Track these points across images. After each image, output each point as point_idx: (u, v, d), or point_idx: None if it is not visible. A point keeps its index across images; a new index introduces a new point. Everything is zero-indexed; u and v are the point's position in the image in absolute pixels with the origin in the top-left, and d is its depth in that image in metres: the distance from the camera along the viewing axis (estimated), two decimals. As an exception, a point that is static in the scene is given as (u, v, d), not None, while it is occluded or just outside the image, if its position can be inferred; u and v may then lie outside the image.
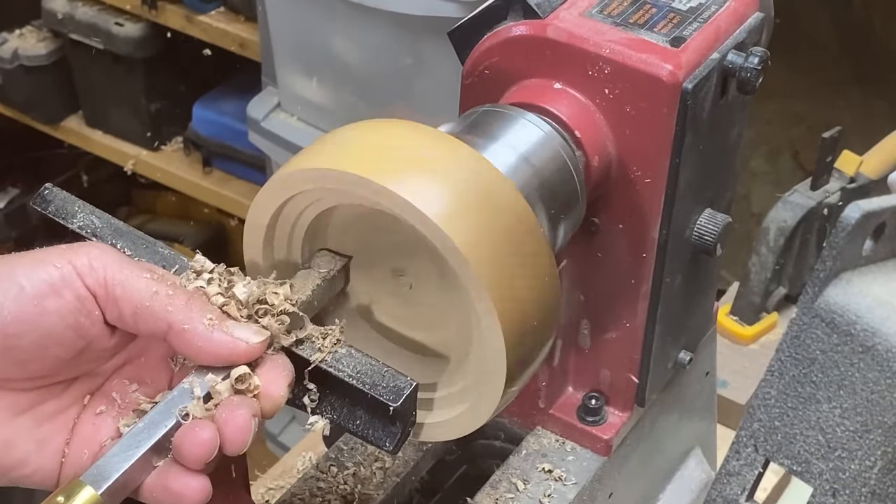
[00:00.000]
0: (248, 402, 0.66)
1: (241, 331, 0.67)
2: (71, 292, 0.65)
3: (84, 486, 0.63)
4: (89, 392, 0.70)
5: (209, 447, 0.64)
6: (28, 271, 0.65)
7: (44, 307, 0.65)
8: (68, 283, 0.65)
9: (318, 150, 0.71)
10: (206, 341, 0.66)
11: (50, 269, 0.65)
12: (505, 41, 0.81)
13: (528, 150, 0.77)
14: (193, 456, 0.64)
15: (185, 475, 0.65)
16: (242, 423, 0.65)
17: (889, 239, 0.78)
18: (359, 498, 0.90)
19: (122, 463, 0.64)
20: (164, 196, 2.98)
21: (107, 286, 0.66)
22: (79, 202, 0.75)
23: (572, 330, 0.91)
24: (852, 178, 1.50)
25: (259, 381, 0.67)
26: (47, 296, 0.65)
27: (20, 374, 0.66)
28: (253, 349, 0.67)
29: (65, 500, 0.62)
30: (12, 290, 0.64)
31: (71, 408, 0.70)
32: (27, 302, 0.64)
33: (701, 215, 0.86)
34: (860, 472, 0.76)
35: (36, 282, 0.65)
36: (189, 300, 0.67)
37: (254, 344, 0.67)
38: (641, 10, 0.81)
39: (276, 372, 0.68)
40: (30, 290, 0.64)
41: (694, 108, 0.78)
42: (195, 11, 2.42)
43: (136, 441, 0.65)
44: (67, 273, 0.65)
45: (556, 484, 0.91)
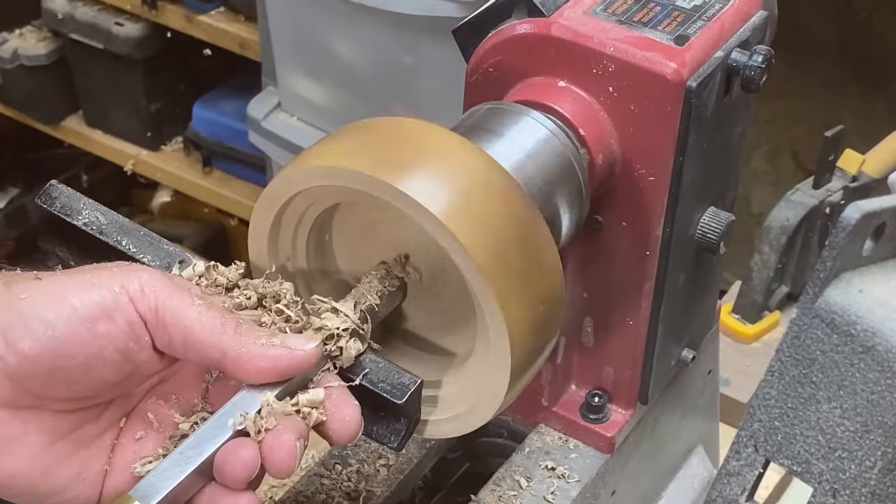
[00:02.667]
0: (293, 427, 0.66)
1: (294, 340, 0.67)
2: (123, 317, 0.64)
3: (132, 502, 0.62)
4: (124, 414, 0.70)
5: (251, 467, 0.64)
6: (80, 292, 0.64)
7: (96, 330, 0.64)
8: (120, 308, 0.64)
9: (325, 147, 0.71)
10: (262, 358, 0.65)
11: (103, 291, 0.64)
12: (509, 39, 0.81)
13: (532, 148, 0.77)
14: (235, 475, 0.64)
15: (231, 495, 0.64)
16: (289, 448, 0.65)
17: (889, 239, 0.78)
18: (362, 495, 0.90)
19: (172, 479, 0.63)
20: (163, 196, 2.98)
21: (157, 312, 0.65)
22: (84, 199, 0.74)
23: (576, 328, 0.91)
24: (854, 177, 1.50)
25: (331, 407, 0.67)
26: (99, 319, 0.64)
27: (65, 394, 0.65)
28: (309, 355, 0.67)
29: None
30: (65, 311, 0.63)
31: (108, 432, 0.69)
32: (79, 324, 0.63)
33: (704, 213, 0.86)
34: (860, 473, 0.76)
35: (88, 304, 0.64)
36: (238, 325, 0.66)
37: (309, 350, 0.67)
38: (645, 8, 0.81)
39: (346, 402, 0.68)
40: (82, 312, 0.64)
41: (698, 107, 0.78)
42: (195, 11, 2.42)
43: (185, 457, 0.64)
44: (120, 297, 0.64)
45: (559, 481, 0.92)
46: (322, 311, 0.70)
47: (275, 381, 0.66)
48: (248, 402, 0.66)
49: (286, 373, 0.66)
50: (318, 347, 0.67)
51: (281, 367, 0.66)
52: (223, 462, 0.64)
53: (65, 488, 0.67)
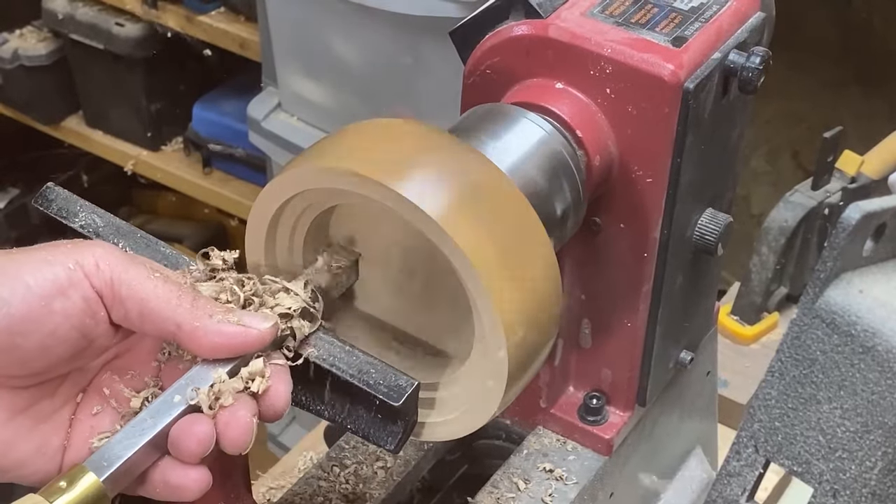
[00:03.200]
0: (249, 404, 0.66)
1: (251, 318, 0.67)
2: (78, 293, 0.65)
3: (86, 472, 0.62)
4: (80, 389, 0.70)
5: (206, 442, 0.64)
6: (34, 270, 0.65)
7: (50, 307, 0.64)
8: (75, 284, 0.65)
9: (322, 149, 0.71)
10: (217, 334, 0.66)
11: (57, 269, 0.65)
12: (506, 41, 0.81)
13: (529, 150, 0.77)
14: (190, 450, 0.64)
15: (182, 468, 0.65)
16: (245, 424, 0.65)
17: (889, 239, 0.77)
18: (360, 497, 0.90)
19: (126, 450, 0.64)
20: (164, 196, 2.98)
21: (113, 286, 0.66)
22: (81, 201, 0.74)
23: (573, 329, 0.91)
24: (853, 178, 1.50)
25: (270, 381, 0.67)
26: (54, 296, 0.64)
27: (20, 371, 0.66)
28: (264, 334, 0.67)
29: (67, 484, 0.62)
30: (19, 289, 0.64)
31: (65, 406, 0.69)
32: (34, 301, 0.64)
33: (702, 215, 0.86)
34: (861, 473, 0.76)
35: (42, 282, 0.64)
36: (195, 299, 0.67)
37: (264, 329, 0.67)
38: (643, 9, 0.81)
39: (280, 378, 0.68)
40: (37, 289, 0.64)
41: (695, 108, 0.78)
42: (195, 11, 2.41)
43: (139, 429, 0.65)
44: (74, 273, 0.65)
45: (557, 483, 0.91)
46: (275, 292, 0.70)
47: (228, 356, 0.67)
48: (201, 377, 0.66)
49: (240, 350, 0.67)
50: (273, 327, 0.68)
51: (235, 344, 0.66)
52: (178, 437, 0.64)
53: (25, 462, 0.67)
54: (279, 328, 0.68)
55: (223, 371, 0.66)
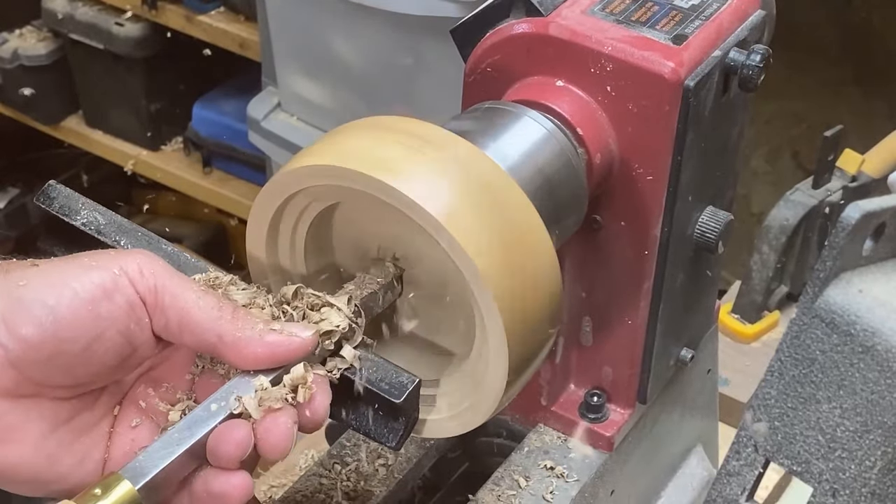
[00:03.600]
0: (290, 411, 0.66)
1: (292, 327, 0.67)
2: (123, 297, 0.65)
3: (122, 480, 0.62)
4: (117, 401, 0.70)
5: (244, 446, 0.64)
6: (79, 275, 0.64)
7: (97, 312, 0.64)
8: (120, 288, 0.65)
9: (323, 146, 0.71)
10: (260, 344, 0.65)
11: (102, 273, 0.64)
12: (507, 39, 0.81)
13: (530, 148, 0.77)
14: (228, 454, 0.64)
15: (225, 474, 0.64)
16: (286, 430, 0.65)
17: (889, 239, 0.77)
18: (361, 494, 0.90)
19: (162, 459, 0.63)
20: (164, 196, 2.98)
21: (156, 293, 0.65)
22: (83, 199, 0.75)
23: (574, 327, 0.91)
24: (854, 177, 1.50)
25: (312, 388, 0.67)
26: (100, 301, 0.64)
27: (64, 380, 0.65)
28: (306, 343, 0.67)
29: (102, 492, 0.61)
30: (65, 294, 0.63)
31: (103, 419, 0.69)
32: (81, 307, 0.63)
33: (703, 213, 0.86)
34: (860, 473, 0.76)
35: (88, 286, 0.64)
36: (235, 310, 0.66)
37: (307, 337, 0.67)
38: (643, 7, 0.81)
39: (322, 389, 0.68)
40: (83, 294, 0.64)
41: (696, 106, 0.78)
42: (195, 11, 2.42)
43: (176, 439, 0.64)
44: (119, 278, 0.65)
45: (558, 481, 0.91)
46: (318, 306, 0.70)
47: (269, 367, 0.66)
48: (241, 387, 0.66)
49: (282, 359, 0.66)
50: (314, 335, 0.67)
51: (278, 354, 0.66)
52: (216, 443, 0.64)
53: (67, 475, 0.67)
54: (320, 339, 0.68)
55: (266, 380, 0.66)
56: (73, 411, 0.67)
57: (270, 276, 0.76)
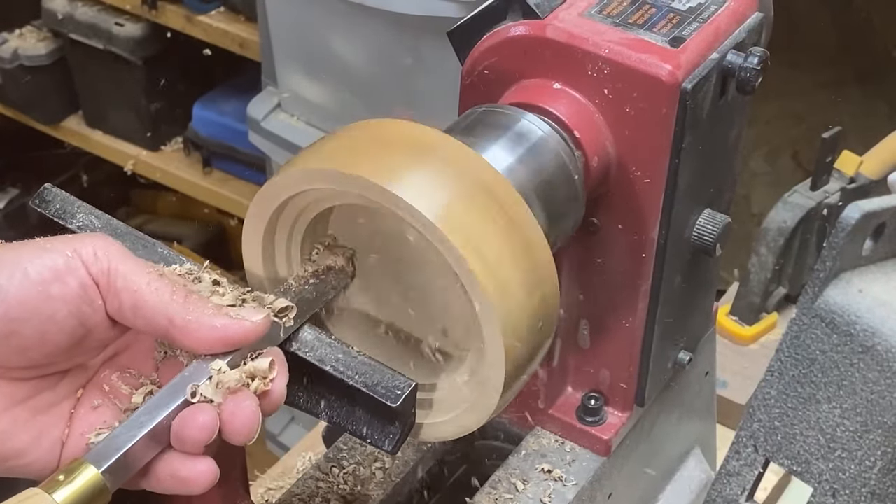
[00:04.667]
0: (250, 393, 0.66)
1: (244, 311, 0.67)
2: (75, 279, 0.65)
3: (86, 465, 0.62)
4: (81, 385, 0.71)
5: (208, 429, 0.64)
6: (33, 257, 0.65)
7: (48, 293, 0.65)
8: (73, 271, 0.65)
9: (319, 150, 0.71)
10: (210, 328, 0.66)
11: (55, 255, 0.65)
12: (504, 41, 0.81)
13: (527, 151, 0.77)
14: (192, 438, 0.64)
15: (191, 460, 0.65)
16: (251, 414, 0.65)
17: (889, 239, 0.77)
18: (358, 498, 0.90)
19: (125, 443, 0.64)
20: (164, 196, 2.98)
21: (109, 276, 0.66)
22: (78, 202, 0.75)
23: (571, 330, 0.91)
24: (852, 179, 1.50)
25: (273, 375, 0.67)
26: (51, 282, 0.65)
27: (20, 361, 0.66)
28: (258, 326, 0.67)
29: (65, 478, 0.62)
30: (17, 275, 0.64)
31: (65, 400, 0.70)
32: (31, 287, 0.64)
33: (700, 215, 0.86)
34: (860, 473, 0.76)
35: (40, 268, 0.65)
36: (188, 295, 0.67)
37: (258, 321, 0.67)
38: (641, 10, 0.81)
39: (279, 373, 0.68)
40: (34, 275, 0.65)
41: (693, 109, 0.78)
42: (195, 11, 2.42)
43: (138, 422, 0.65)
44: (72, 260, 0.65)
45: (555, 484, 0.91)
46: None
47: (223, 351, 0.67)
48: (199, 371, 0.66)
49: (234, 342, 0.66)
50: (266, 318, 0.67)
51: (229, 337, 0.66)
52: (181, 427, 0.65)
53: (23, 452, 0.68)
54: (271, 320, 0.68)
55: (223, 363, 0.66)
56: (32, 391, 0.68)
57: (267, 280, 0.76)
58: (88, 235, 0.69)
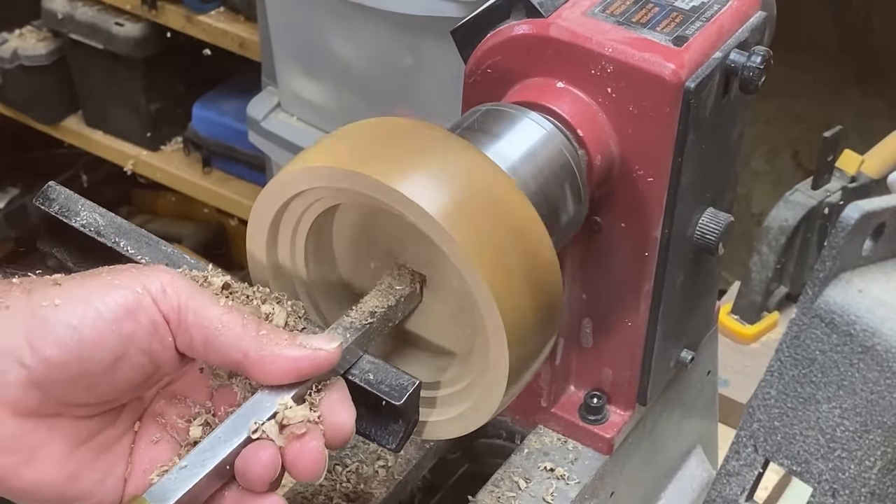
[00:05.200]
0: (316, 432, 0.65)
1: (316, 340, 0.67)
2: (146, 317, 0.64)
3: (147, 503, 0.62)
4: (137, 418, 0.70)
5: (272, 468, 0.64)
6: (102, 295, 0.64)
7: (120, 332, 0.63)
8: (143, 308, 0.64)
9: (322, 148, 0.71)
10: (285, 360, 0.65)
11: (126, 292, 0.64)
12: (507, 40, 0.81)
13: (530, 149, 0.77)
14: (257, 476, 0.63)
15: (258, 498, 0.64)
16: (318, 454, 0.65)
17: (889, 239, 0.77)
18: (361, 496, 0.90)
19: (186, 481, 0.63)
20: (163, 196, 2.98)
21: (180, 312, 0.65)
22: (82, 200, 0.74)
23: (574, 328, 0.91)
24: (853, 178, 1.50)
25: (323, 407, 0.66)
26: (124, 320, 0.64)
27: (87, 398, 0.65)
28: (331, 355, 0.66)
29: None
30: (89, 314, 0.63)
31: (125, 436, 0.69)
32: (105, 327, 0.63)
33: (703, 214, 0.86)
34: (860, 473, 0.76)
35: (112, 306, 0.64)
36: (259, 326, 0.66)
37: (331, 350, 0.66)
38: (644, 9, 0.81)
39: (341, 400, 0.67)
40: (107, 314, 0.63)
41: (696, 108, 0.78)
42: (195, 11, 2.42)
43: (200, 459, 0.64)
44: (143, 297, 0.64)
45: (557, 482, 0.91)
46: None
47: (295, 381, 0.66)
48: (265, 403, 0.66)
49: (307, 374, 0.66)
50: (338, 348, 0.67)
51: (303, 368, 0.66)
52: (245, 464, 0.64)
53: (90, 494, 0.67)
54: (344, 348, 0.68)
55: (288, 397, 0.65)
56: (95, 429, 0.67)
57: (271, 279, 0.76)
58: (153, 269, 0.67)
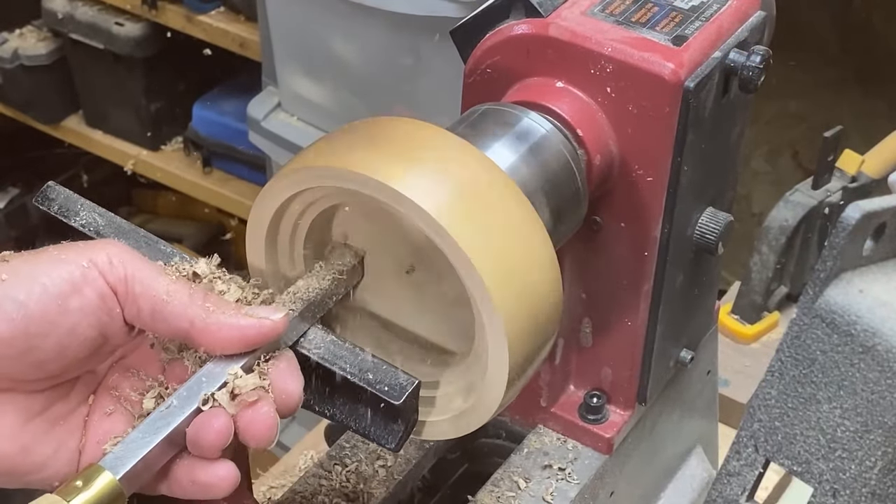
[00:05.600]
0: (268, 399, 0.66)
1: (262, 311, 0.67)
2: (93, 290, 0.65)
3: (102, 471, 0.62)
4: (92, 391, 0.70)
5: (224, 434, 0.64)
6: (49, 270, 0.64)
7: (67, 306, 0.64)
8: (90, 281, 0.65)
9: (321, 147, 0.71)
10: (231, 328, 0.66)
11: (71, 266, 0.64)
12: (507, 40, 0.81)
13: (530, 149, 0.77)
14: (209, 443, 0.64)
15: (210, 465, 0.65)
16: (269, 419, 0.65)
17: (889, 239, 0.77)
18: (361, 496, 0.90)
19: (141, 448, 0.63)
20: (164, 196, 2.98)
21: (126, 283, 0.65)
22: (81, 200, 0.74)
23: (574, 328, 0.91)
24: (854, 178, 1.50)
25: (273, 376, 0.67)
26: (70, 294, 0.64)
27: (37, 374, 0.65)
28: (277, 325, 0.67)
29: (83, 484, 0.61)
30: (35, 289, 0.63)
31: (78, 408, 0.69)
32: (50, 301, 0.63)
33: (702, 214, 0.86)
34: (860, 473, 0.76)
35: (58, 280, 0.64)
36: (206, 296, 0.67)
37: (277, 319, 0.67)
38: (643, 8, 0.81)
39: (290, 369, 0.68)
40: (52, 289, 0.64)
41: (696, 107, 0.78)
42: (195, 11, 2.42)
43: (154, 427, 0.64)
44: (89, 270, 0.65)
45: (557, 482, 0.91)
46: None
47: (242, 350, 0.66)
48: (215, 372, 0.66)
49: (254, 342, 0.66)
50: (285, 318, 0.67)
51: (250, 337, 0.66)
52: (196, 432, 0.64)
53: (43, 465, 0.67)
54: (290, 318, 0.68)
55: (237, 366, 0.66)
56: (48, 402, 0.67)
57: (270, 279, 0.76)
58: (100, 242, 0.68)
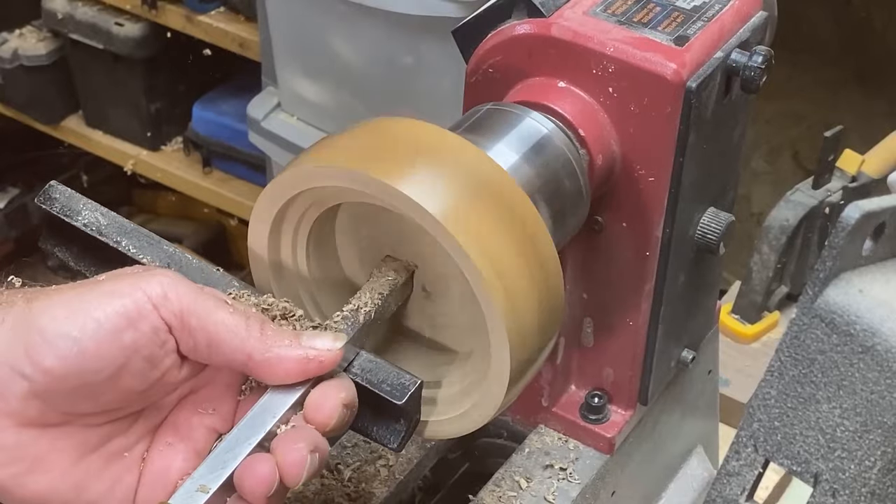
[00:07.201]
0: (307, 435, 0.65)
1: (320, 340, 0.67)
2: (147, 324, 0.63)
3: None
4: (155, 426, 0.69)
5: (269, 482, 0.63)
6: (102, 304, 0.63)
7: (121, 341, 0.63)
8: (144, 315, 0.63)
9: (324, 148, 0.71)
10: (290, 361, 0.65)
11: (126, 300, 0.63)
12: (509, 40, 0.81)
13: (532, 149, 0.77)
14: (254, 491, 0.63)
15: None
16: (298, 458, 0.64)
17: (889, 239, 0.77)
18: (362, 495, 0.90)
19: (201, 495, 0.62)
20: (164, 196, 2.98)
21: (182, 317, 0.64)
22: (84, 200, 0.74)
23: (575, 328, 0.91)
24: (854, 177, 1.50)
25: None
26: (124, 329, 0.63)
27: (91, 407, 0.65)
28: (336, 355, 0.66)
29: None
30: (89, 325, 0.62)
31: (139, 444, 0.68)
32: (105, 337, 0.62)
33: (704, 214, 0.86)
34: (860, 473, 0.76)
35: (112, 315, 0.63)
36: (263, 327, 0.66)
37: (337, 348, 0.66)
38: (645, 8, 0.81)
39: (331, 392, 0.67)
40: (106, 324, 0.63)
41: (698, 107, 0.78)
42: (195, 11, 2.42)
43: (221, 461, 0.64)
44: (142, 304, 0.63)
45: (559, 482, 0.91)
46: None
47: (301, 381, 0.66)
48: (275, 404, 0.66)
49: (314, 373, 0.66)
50: (343, 345, 0.67)
51: (310, 368, 0.66)
52: (242, 477, 0.63)
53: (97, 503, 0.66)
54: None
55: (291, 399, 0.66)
56: (105, 437, 0.66)
57: (273, 279, 0.76)
58: (152, 272, 0.66)
